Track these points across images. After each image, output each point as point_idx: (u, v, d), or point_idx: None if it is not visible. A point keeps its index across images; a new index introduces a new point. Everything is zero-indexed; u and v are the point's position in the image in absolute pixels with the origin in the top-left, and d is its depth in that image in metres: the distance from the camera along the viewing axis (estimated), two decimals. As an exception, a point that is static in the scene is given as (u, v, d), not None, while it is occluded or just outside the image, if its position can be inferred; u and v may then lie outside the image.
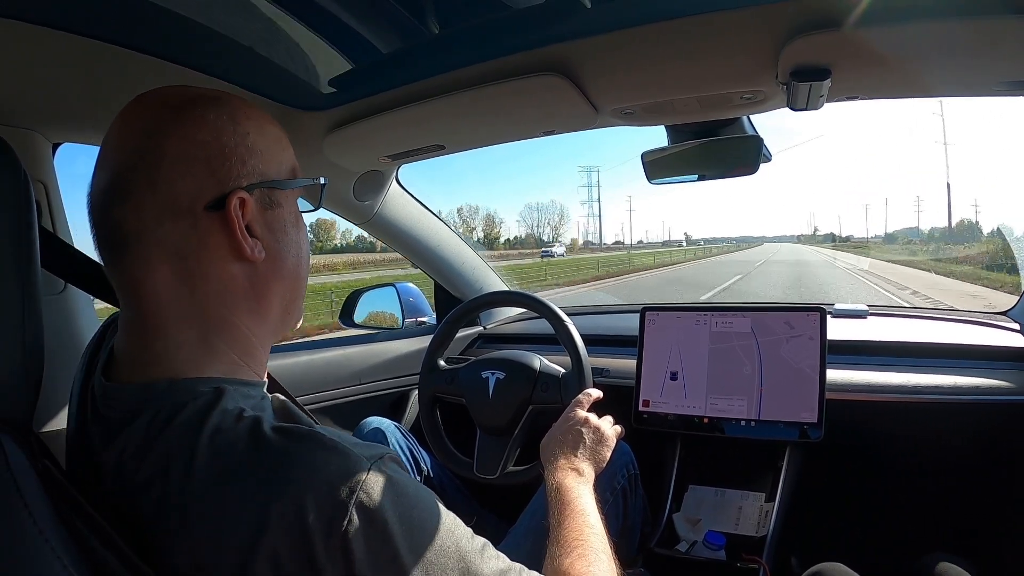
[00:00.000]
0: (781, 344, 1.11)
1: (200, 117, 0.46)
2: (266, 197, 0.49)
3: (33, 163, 0.84)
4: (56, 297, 0.84)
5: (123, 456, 0.42)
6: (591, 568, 0.58)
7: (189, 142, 0.45)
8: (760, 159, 0.99)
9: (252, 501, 0.39)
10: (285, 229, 0.51)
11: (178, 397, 0.43)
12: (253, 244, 0.47)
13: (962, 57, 0.71)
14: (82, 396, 0.49)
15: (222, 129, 0.46)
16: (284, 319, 0.53)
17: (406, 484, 0.44)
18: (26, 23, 0.62)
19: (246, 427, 0.42)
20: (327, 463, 0.41)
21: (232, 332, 0.48)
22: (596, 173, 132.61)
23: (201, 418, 0.42)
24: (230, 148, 0.46)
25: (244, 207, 0.46)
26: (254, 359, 0.50)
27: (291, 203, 0.52)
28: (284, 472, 0.40)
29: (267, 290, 0.50)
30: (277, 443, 0.41)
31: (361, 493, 0.40)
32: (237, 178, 0.47)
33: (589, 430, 0.87)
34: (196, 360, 0.46)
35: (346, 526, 0.39)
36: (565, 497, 0.71)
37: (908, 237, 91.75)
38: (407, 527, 0.42)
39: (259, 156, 0.48)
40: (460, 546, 0.45)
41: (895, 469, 1.20)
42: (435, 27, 0.74)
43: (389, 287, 1.62)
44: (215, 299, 0.47)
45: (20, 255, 0.44)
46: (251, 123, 0.49)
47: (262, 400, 0.49)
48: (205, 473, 0.40)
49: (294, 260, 0.52)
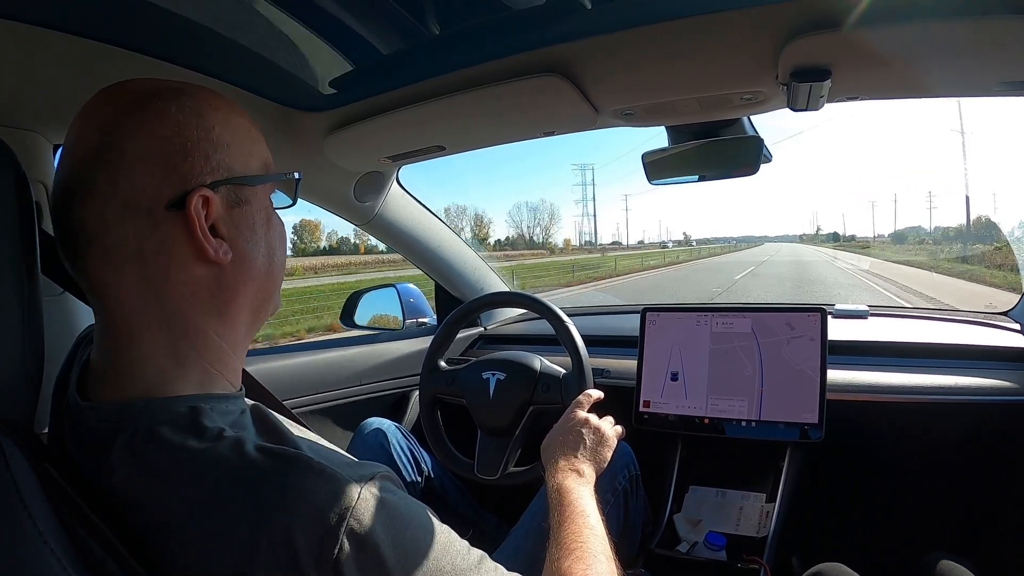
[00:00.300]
0: (782, 345, 1.11)
1: (161, 110, 0.44)
2: (232, 194, 0.46)
3: (33, 164, 0.84)
4: (56, 299, 0.84)
5: (105, 476, 0.41)
6: (589, 570, 0.57)
7: (149, 137, 0.43)
8: (761, 159, 0.99)
9: (239, 528, 0.38)
10: (254, 228, 0.48)
11: (154, 418, 0.42)
12: (217, 245, 0.45)
13: (962, 58, 0.71)
14: (57, 409, 0.47)
15: (184, 123, 0.44)
16: (255, 322, 0.51)
17: (398, 504, 0.43)
18: (26, 24, 0.62)
19: (227, 448, 0.41)
20: (315, 489, 0.40)
21: (201, 338, 0.46)
22: (591, 171, 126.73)
23: (180, 441, 0.41)
24: (192, 143, 0.44)
25: (208, 205, 0.44)
26: (227, 367, 0.48)
27: (261, 200, 0.49)
28: (271, 499, 0.39)
29: (235, 293, 0.47)
30: (262, 466, 0.40)
31: (351, 519, 0.39)
32: (200, 175, 0.44)
33: (590, 431, 0.86)
34: (168, 372, 0.44)
35: (337, 553, 0.38)
36: (566, 499, 0.71)
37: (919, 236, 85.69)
38: (400, 550, 0.41)
39: (225, 150, 0.46)
40: (455, 564, 0.44)
41: (896, 469, 1.20)
42: (435, 28, 0.74)
43: (390, 288, 1.62)
44: (180, 303, 0.45)
45: (20, 256, 0.44)
46: (217, 115, 0.46)
47: (241, 415, 0.47)
48: (190, 500, 0.39)
49: (264, 261, 0.49)
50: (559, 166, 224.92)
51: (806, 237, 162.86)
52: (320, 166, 1.11)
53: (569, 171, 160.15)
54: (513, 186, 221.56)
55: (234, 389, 0.49)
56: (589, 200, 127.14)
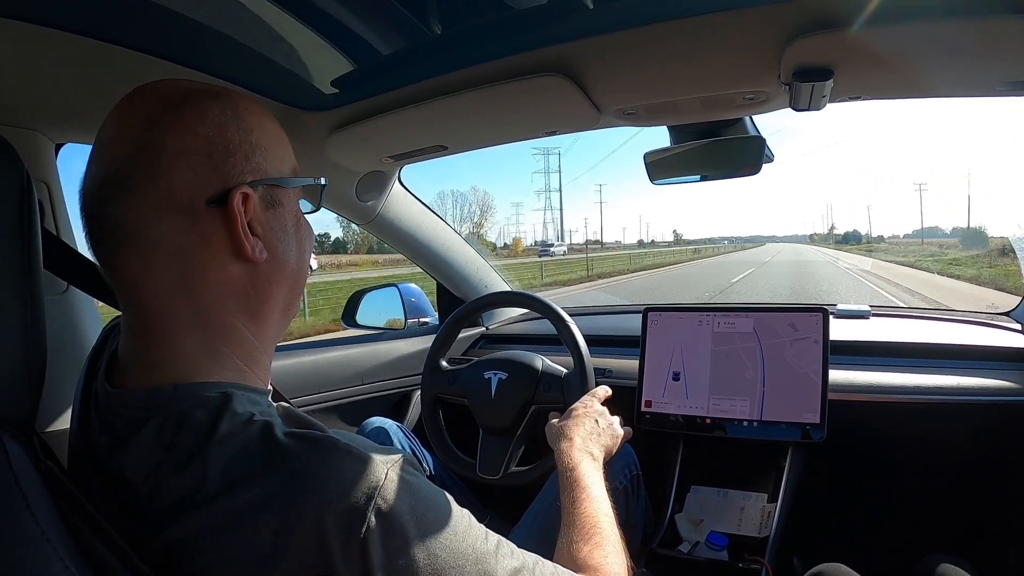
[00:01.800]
0: (785, 347, 1.11)
1: (202, 111, 0.44)
2: (268, 195, 0.47)
3: (36, 163, 0.84)
4: (59, 297, 0.85)
5: (132, 464, 0.42)
6: (607, 560, 0.59)
7: (191, 135, 0.43)
8: (763, 159, 0.99)
9: (269, 508, 0.39)
10: (286, 229, 0.49)
11: (185, 403, 0.42)
12: (255, 243, 0.46)
13: (965, 58, 0.71)
14: (85, 401, 0.48)
15: (225, 124, 0.45)
16: (284, 321, 0.52)
17: (421, 487, 0.44)
18: (28, 23, 0.62)
19: (258, 432, 0.41)
20: (344, 468, 0.40)
21: (235, 336, 0.47)
22: (556, 156, 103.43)
23: (211, 424, 0.41)
24: (234, 144, 0.45)
25: (247, 204, 0.45)
26: (258, 365, 0.49)
27: (292, 203, 0.51)
28: (301, 478, 0.39)
29: (268, 293, 0.48)
30: (292, 448, 0.41)
31: (379, 498, 0.40)
32: (240, 174, 0.45)
33: (604, 419, 0.89)
34: (200, 365, 0.45)
35: (365, 531, 0.39)
36: (581, 481, 0.72)
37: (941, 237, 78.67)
38: (424, 530, 0.42)
39: (262, 153, 0.47)
40: (476, 547, 0.45)
41: (897, 469, 1.20)
42: (437, 28, 0.74)
43: (391, 287, 1.62)
44: (216, 300, 0.45)
45: (23, 255, 0.44)
46: (253, 119, 0.47)
47: (269, 407, 0.47)
48: (219, 481, 0.39)
49: (296, 261, 0.51)
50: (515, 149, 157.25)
51: (817, 237, 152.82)
52: (322, 166, 1.11)
53: (529, 154, 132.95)
54: (444, 173, 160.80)
55: (263, 386, 0.50)
56: (554, 191, 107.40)
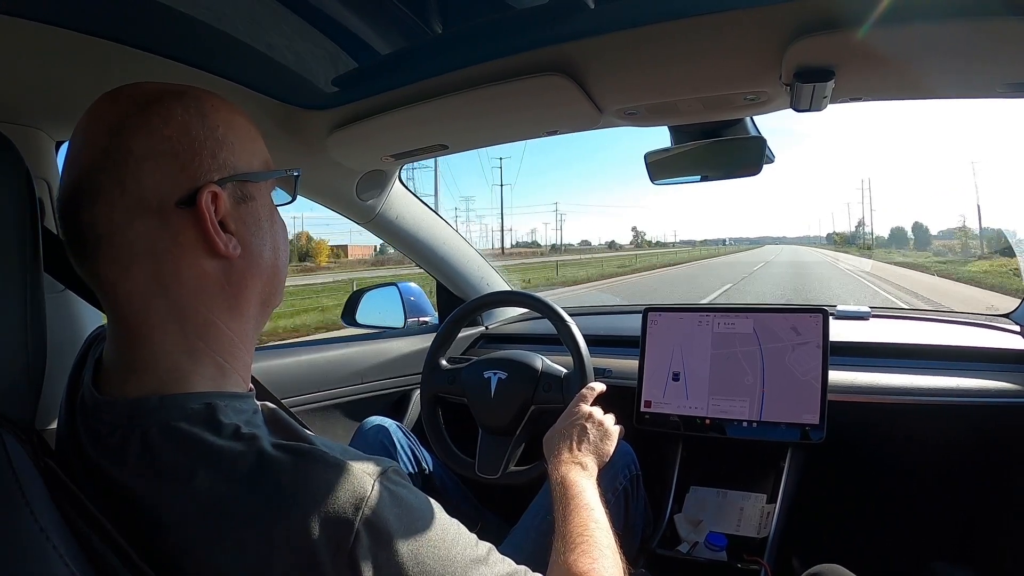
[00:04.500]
0: (786, 352, 1.11)
1: (166, 112, 0.45)
2: (238, 191, 0.48)
3: (36, 161, 0.84)
4: (58, 295, 0.84)
5: (119, 472, 0.42)
6: (596, 564, 0.58)
7: (157, 137, 0.44)
8: (763, 160, 0.99)
9: (257, 522, 0.39)
10: (259, 223, 0.50)
11: (170, 415, 0.42)
12: (227, 239, 0.46)
13: (967, 59, 0.71)
14: (70, 411, 0.48)
15: (189, 123, 0.45)
16: (262, 315, 0.53)
17: (409, 497, 0.44)
18: (28, 20, 0.62)
19: (244, 444, 0.41)
20: (331, 481, 0.41)
21: (213, 332, 0.47)
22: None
23: (197, 437, 0.41)
24: (199, 142, 0.45)
25: (216, 201, 0.45)
26: (238, 360, 0.49)
27: (265, 196, 0.51)
28: (289, 492, 0.40)
29: (244, 286, 0.49)
30: (278, 462, 0.41)
31: (366, 510, 0.40)
32: (208, 172, 0.45)
33: (593, 424, 0.87)
34: (182, 367, 0.45)
35: (353, 544, 0.39)
36: (570, 492, 0.72)
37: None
38: (412, 541, 0.42)
39: (230, 149, 0.47)
40: (465, 555, 0.45)
41: (897, 471, 1.20)
42: (438, 27, 0.74)
43: (391, 287, 1.62)
44: (192, 299, 0.46)
45: (23, 252, 0.44)
46: (219, 115, 0.48)
47: (254, 414, 0.48)
48: (206, 495, 0.40)
49: (270, 254, 0.51)
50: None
51: (832, 237, 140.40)
52: (323, 164, 1.11)
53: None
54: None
55: (245, 387, 0.50)
56: (507, 184, 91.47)
